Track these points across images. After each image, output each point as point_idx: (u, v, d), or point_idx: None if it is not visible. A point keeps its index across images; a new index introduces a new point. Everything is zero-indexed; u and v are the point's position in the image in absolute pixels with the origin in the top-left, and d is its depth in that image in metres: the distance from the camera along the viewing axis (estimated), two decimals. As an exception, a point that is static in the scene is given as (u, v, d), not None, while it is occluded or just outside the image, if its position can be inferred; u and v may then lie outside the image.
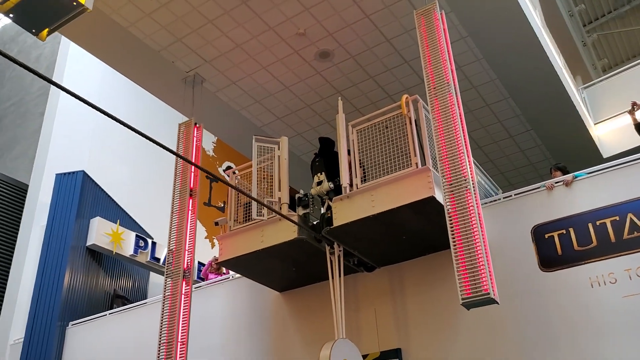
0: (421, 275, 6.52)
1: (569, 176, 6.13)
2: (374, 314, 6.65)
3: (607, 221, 5.68)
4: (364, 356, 6.36)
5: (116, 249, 10.51)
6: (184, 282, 6.86)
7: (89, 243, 10.27)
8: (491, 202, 6.55)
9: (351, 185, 6.08)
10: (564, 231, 5.86)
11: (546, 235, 5.94)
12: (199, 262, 11.63)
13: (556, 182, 6.19)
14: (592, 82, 11.83)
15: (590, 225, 5.75)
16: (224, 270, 9.12)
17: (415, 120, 6.09)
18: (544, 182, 6.30)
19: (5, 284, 10.75)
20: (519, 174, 10.93)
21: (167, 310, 6.75)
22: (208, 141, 16.17)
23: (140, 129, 12.20)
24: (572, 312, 5.53)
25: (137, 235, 10.95)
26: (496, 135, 10.03)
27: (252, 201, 6.57)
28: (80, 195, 10.33)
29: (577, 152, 9.91)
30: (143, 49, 7.86)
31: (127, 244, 10.76)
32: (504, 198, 6.49)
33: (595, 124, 10.69)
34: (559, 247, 5.82)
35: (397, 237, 6.19)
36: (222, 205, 15.19)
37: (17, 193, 11.88)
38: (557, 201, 6.05)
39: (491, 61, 8.39)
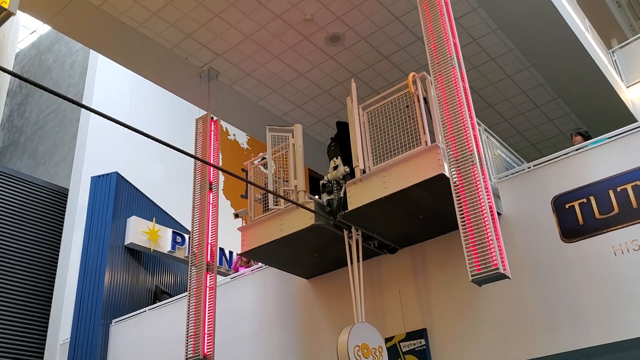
0: (443, 253, 6.44)
1: (584, 143, 5.95)
2: (399, 295, 6.62)
3: (628, 187, 5.47)
4: (390, 338, 6.35)
5: (154, 246, 10.76)
6: (207, 275, 6.97)
7: (126, 242, 10.54)
8: (510, 175, 6.40)
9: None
10: (584, 200, 5.67)
11: (567, 205, 5.76)
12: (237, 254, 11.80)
13: (577, 149, 6.02)
14: (624, 43, 11.35)
15: (611, 192, 5.55)
16: (253, 263, 9.23)
17: (424, 98, 6.01)
18: (562, 150, 6.13)
19: (53, 287, 11.16)
20: (551, 144, 10.61)
21: (193, 303, 6.88)
22: (242, 134, 16.35)
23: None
24: (597, 282, 5.36)
25: (173, 232, 11.18)
26: (522, 107, 9.76)
27: (272, 190, 6.61)
28: (115, 196, 10.60)
29: (609, 118, 9.54)
30: (155, 48, 7.97)
31: (164, 241, 11.01)
32: (522, 170, 6.33)
33: (627, 87, 10.29)
34: (580, 216, 5.64)
35: (413, 217, 6.12)
36: (259, 196, 15.37)
37: (59, 197, 12.30)
38: (577, 169, 5.87)
39: (506, 31, 8.14)
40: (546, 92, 9.48)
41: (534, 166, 6.22)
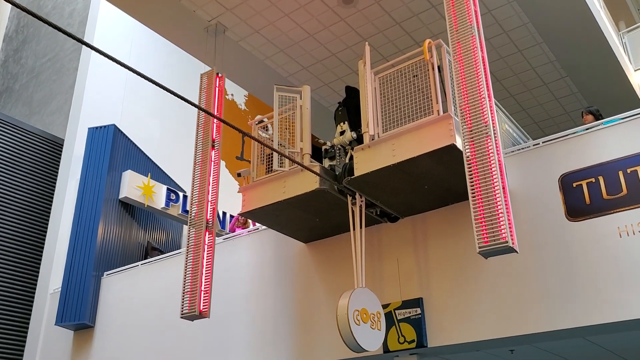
0: (444, 225, 6.42)
1: (595, 122, 5.91)
2: (397, 263, 6.61)
3: (639, 169, 5.44)
4: (386, 305, 6.36)
5: (148, 201, 10.67)
6: (206, 233, 6.91)
7: (121, 196, 10.46)
8: (518, 150, 6.35)
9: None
10: (593, 179, 5.64)
11: (574, 184, 5.73)
12: (231, 216, 11.75)
13: (586, 128, 5.97)
14: (633, 26, 11.24)
15: (620, 173, 5.52)
16: (251, 224, 9.19)
17: (438, 66, 5.91)
18: (574, 128, 6.07)
19: (44, 236, 11.08)
20: (554, 123, 10.56)
21: (191, 261, 6.83)
22: (240, 95, 16.15)
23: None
24: (600, 263, 5.37)
25: (168, 189, 11.10)
26: (529, 83, 9.66)
27: (273, 152, 6.52)
28: (112, 149, 10.48)
29: (615, 100, 9.49)
30: (164, -2, 7.78)
31: (158, 197, 10.93)
32: (530, 146, 6.28)
33: (635, 70, 10.22)
34: (588, 196, 5.62)
35: (419, 186, 6.07)
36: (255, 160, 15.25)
37: (54, 147, 12.15)
38: (587, 149, 5.82)
39: (522, 3, 8.00)
40: (555, 69, 9.37)
41: (542, 143, 6.18)
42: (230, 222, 11.30)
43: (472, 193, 4.95)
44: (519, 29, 8.51)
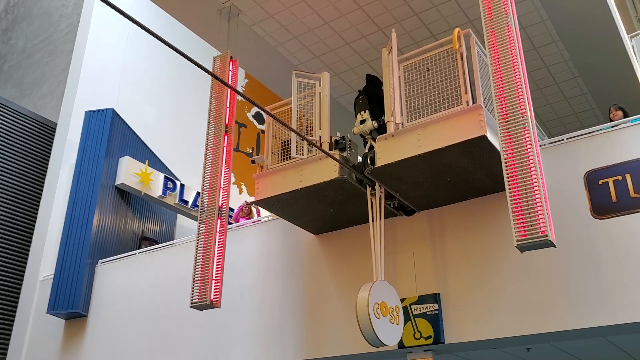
0: (462, 219, 6.28)
1: (623, 120, 5.82)
2: (413, 258, 6.46)
3: (668, 167, 5.36)
4: (402, 300, 6.20)
5: (145, 189, 10.38)
6: (218, 220, 6.69)
7: (117, 182, 10.15)
8: (541, 146, 6.21)
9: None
10: (619, 177, 5.55)
11: (600, 182, 5.63)
12: (230, 207, 11.49)
13: (613, 125, 5.88)
14: (636, 32, 11.25)
15: (649, 171, 5.43)
16: (255, 214, 8.98)
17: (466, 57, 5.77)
18: (600, 125, 5.97)
19: (35, 222, 10.73)
20: (561, 123, 10.52)
21: (202, 248, 6.60)
22: (237, 85, 15.88)
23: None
24: (625, 261, 5.27)
25: (165, 177, 10.82)
26: (541, 82, 9.58)
27: (291, 139, 6.32)
28: (110, 133, 10.16)
29: (625, 103, 9.44)
30: (178, -23, 7.55)
31: (155, 185, 10.63)
32: (551, 143, 6.17)
33: (642, 73, 10.21)
34: (614, 193, 5.51)
35: (441, 179, 5.92)
36: (250, 151, 15.02)
37: (46, 131, 11.79)
38: (613, 146, 5.72)
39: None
40: (568, 69, 9.31)
41: (567, 139, 6.07)
42: (231, 214, 11.04)
43: (509, 185, 4.81)
44: (537, 25, 8.42)
